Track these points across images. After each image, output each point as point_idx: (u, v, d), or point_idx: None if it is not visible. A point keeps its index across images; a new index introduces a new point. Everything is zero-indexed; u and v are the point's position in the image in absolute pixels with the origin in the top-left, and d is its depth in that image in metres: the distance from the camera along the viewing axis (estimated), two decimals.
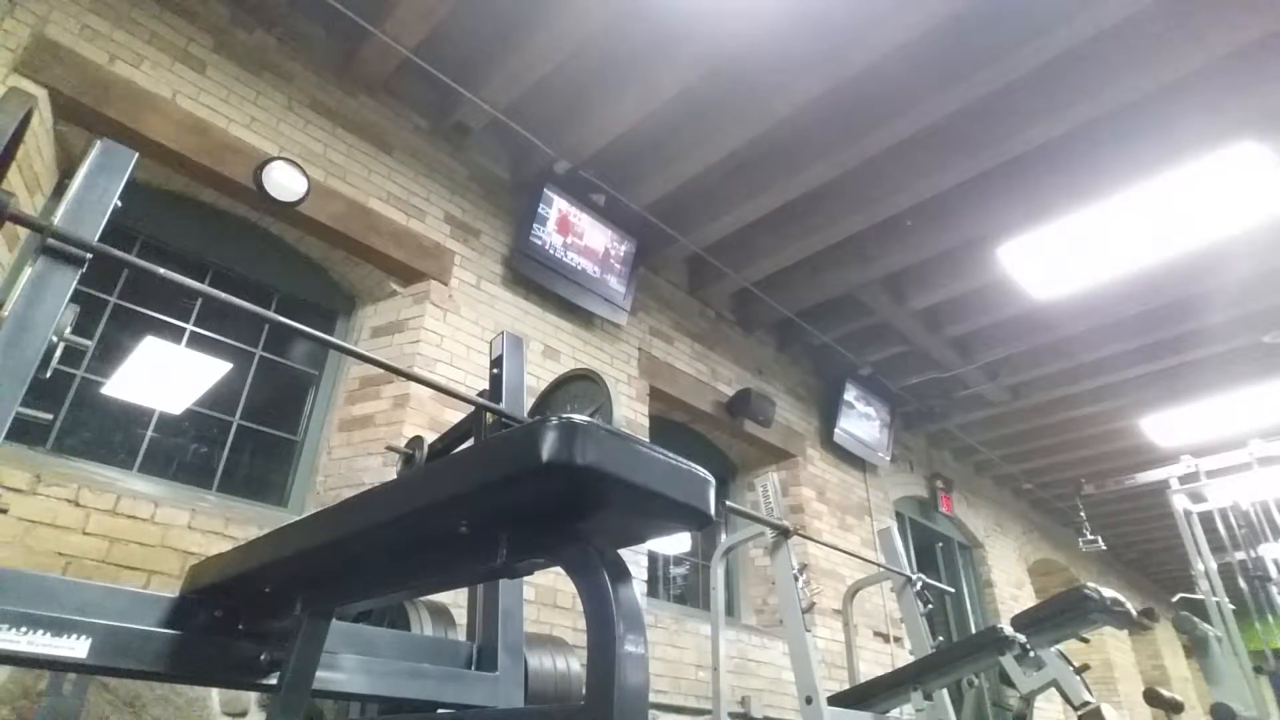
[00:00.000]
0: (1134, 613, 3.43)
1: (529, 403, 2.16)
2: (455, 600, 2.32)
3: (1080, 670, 3.08)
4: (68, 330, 1.33)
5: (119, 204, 1.42)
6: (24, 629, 1.10)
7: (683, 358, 4.63)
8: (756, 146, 3.72)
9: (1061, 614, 3.31)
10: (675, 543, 4.62)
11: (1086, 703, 2.84)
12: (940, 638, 3.76)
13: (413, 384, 2.92)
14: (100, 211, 1.38)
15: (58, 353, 1.31)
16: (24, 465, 2.15)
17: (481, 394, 2.18)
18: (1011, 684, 3.16)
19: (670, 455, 0.85)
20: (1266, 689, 4.05)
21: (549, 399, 2.02)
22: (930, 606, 3.86)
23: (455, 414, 2.93)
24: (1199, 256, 4.25)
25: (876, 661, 4.80)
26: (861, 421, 5.69)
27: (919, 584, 3.90)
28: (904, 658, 4.76)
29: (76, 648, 1.14)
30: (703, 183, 3.98)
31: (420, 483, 1.06)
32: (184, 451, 2.83)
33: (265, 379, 3.11)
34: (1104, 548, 5.75)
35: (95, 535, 2.20)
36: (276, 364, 3.18)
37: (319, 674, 1.29)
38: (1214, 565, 4.31)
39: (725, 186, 4.06)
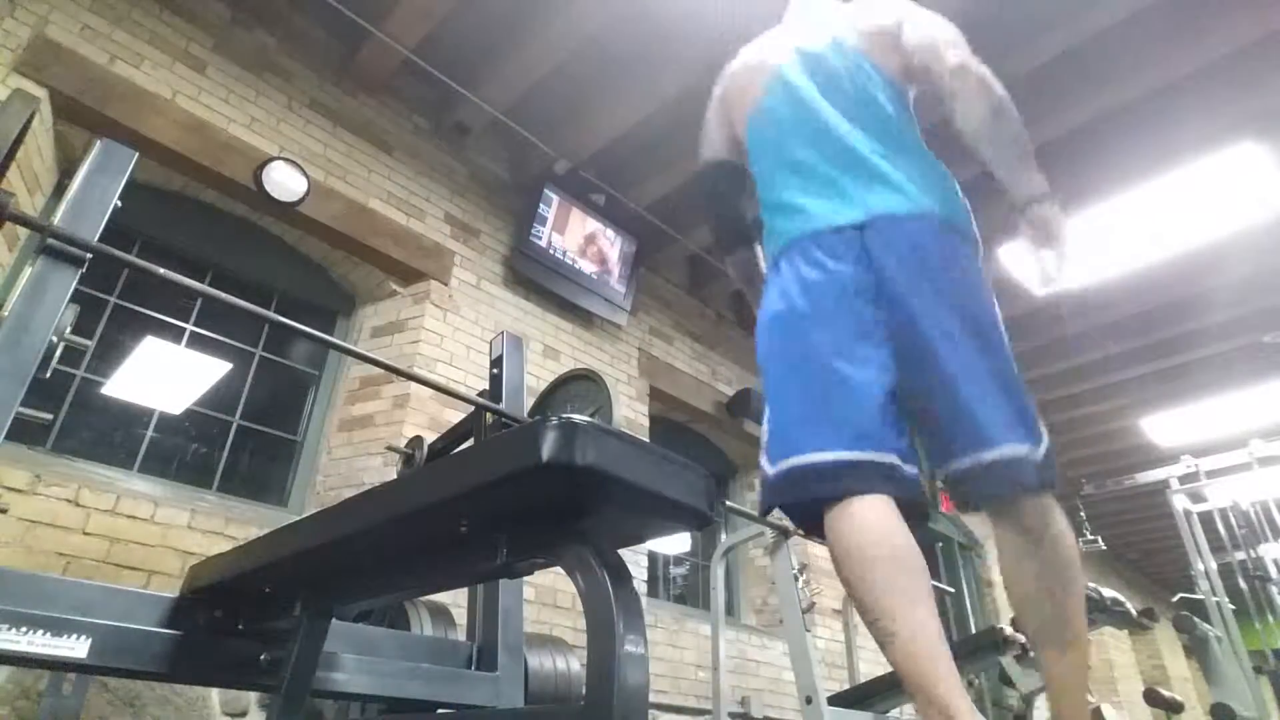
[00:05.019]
0: (1134, 613, 3.43)
1: (529, 403, 2.16)
2: (455, 600, 2.32)
3: None
4: (68, 330, 1.33)
5: (119, 204, 1.42)
6: (24, 629, 1.10)
7: (683, 358, 4.63)
8: None
9: None
10: (675, 543, 4.61)
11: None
12: None
13: (413, 384, 2.92)
14: (100, 211, 1.38)
15: (58, 353, 1.31)
16: (24, 465, 2.15)
17: (481, 394, 2.18)
18: (1011, 684, 3.16)
19: (670, 455, 0.85)
20: (1266, 689, 4.04)
21: (549, 399, 2.02)
22: None
23: (455, 414, 2.92)
24: (1199, 256, 4.25)
25: (876, 661, 4.80)
26: None
27: None
28: None
29: (76, 648, 1.14)
30: None
31: (420, 483, 1.06)
32: (184, 451, 2.83)
33: (265, 379, 3.11)
34: (1104, 548, 5.74)
35: (95, 535, 2.20)
36: (276, 364, 3.17)
37: (319, 674, 1.29)
38: (1214, 565, 4.30)
39: None
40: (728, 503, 2.92)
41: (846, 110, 1.37)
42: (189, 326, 2.93)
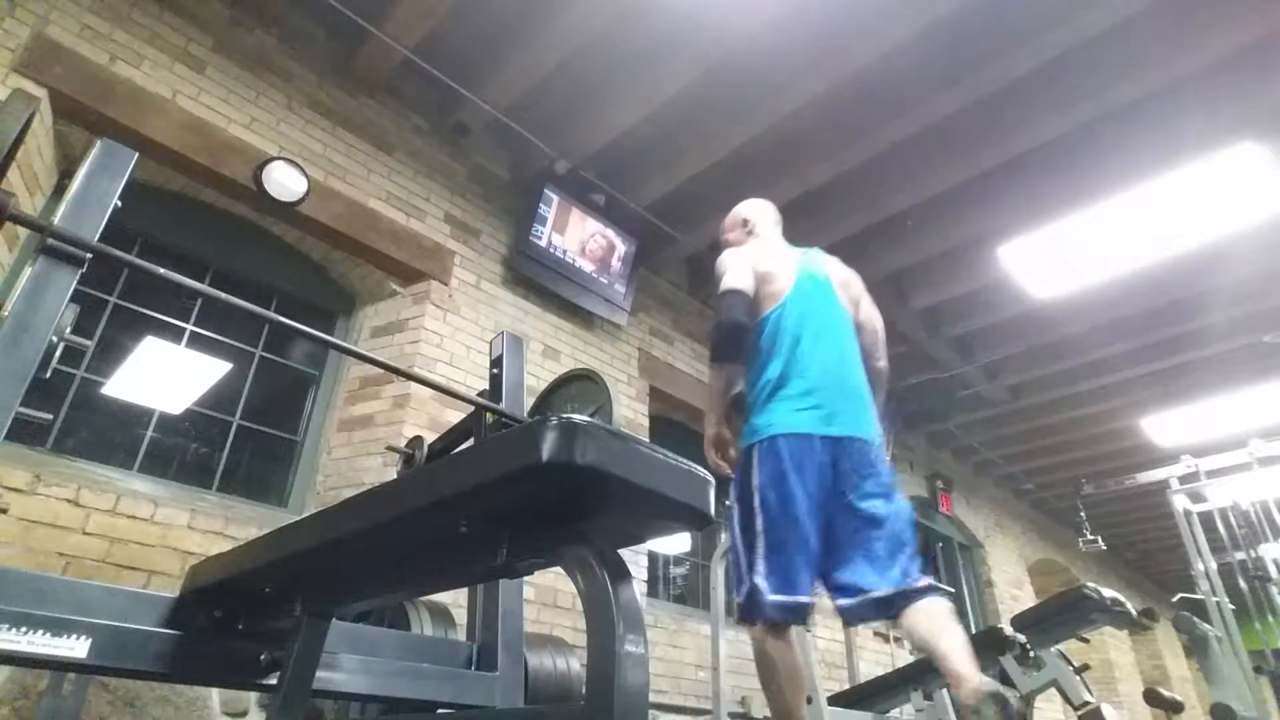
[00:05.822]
0: (1134, 613, 3.42)
1: (529, 403, 2.16)
2: (455, 600, 2.32)
3: (1080, 670, 3.08)
4: (68, 330, 1.34)
5: (119, 204, 1.42)
6: (24, 629, 1.10)
7: (683, 358, 4.63)
8: (757, 146, 3.72)
9: (1061, 614, 3.30)
10: (675, 543, 4.61)
11: (1086, 703, 2.84)
12: None
13: (413, 384, 2.92)
14: (100, 211, 1.39)
15: (58, 353, 1.31)
16: (24, 465, 2.15)
17: (481, 394, 2.18)
18: (1011, 684, 3.15)
19: (670, 455, 0.85)
20: (1266, 689, 4.03)
21: (549, 399, 2.02)
22: None
23: (455, 414, 2.93)
24: (1199, 256, 4.25)
25: (876, 661, 4.80)
26: None
27: None
28: (904, 658, 4.76)
29: (76, 648, 1.14)
30: (703, 183, 3.98)
31: (420, 483, 1.06)
32: (184, 451, 2.83)
33: (265, 379, 3.11)
34: (1104, 548, 5.73)
35: (95, 535, 2.20)
36: (276, 364, 3.17)
37: (319, 674, 1.29)
38: (1214, 565, 4.30)
39: (725, 186, 4.04)
40: (728, 503, 2.92)
41: (843, 342, 1.97)
42: (189, 326, 2.93)
